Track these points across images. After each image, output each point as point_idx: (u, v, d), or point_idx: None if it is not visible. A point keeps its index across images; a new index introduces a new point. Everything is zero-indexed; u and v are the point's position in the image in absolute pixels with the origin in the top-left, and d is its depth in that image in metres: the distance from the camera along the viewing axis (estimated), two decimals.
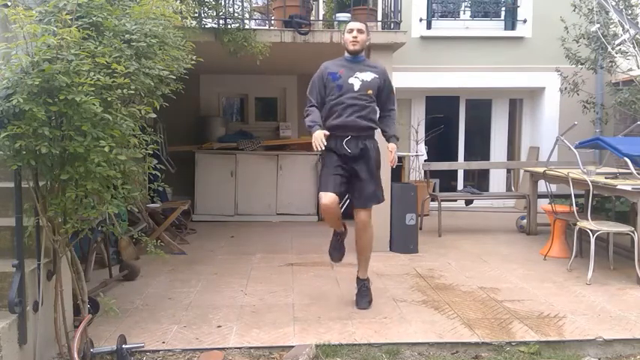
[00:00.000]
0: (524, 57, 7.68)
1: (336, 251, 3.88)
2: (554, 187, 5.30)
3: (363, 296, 3.78)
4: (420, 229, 5.93)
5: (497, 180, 8.42)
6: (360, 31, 3.67)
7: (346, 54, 3.75)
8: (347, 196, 3.81)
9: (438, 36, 7.71)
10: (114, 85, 2.61)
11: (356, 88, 3.60)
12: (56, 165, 2.56)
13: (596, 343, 3.15)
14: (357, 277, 3.88)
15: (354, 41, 3.66)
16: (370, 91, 3.64)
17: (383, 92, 3.75)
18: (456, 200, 7.67)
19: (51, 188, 2.66)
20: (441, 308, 3.68)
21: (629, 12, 6.09)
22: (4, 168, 2.76)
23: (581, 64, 6.43)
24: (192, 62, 3.49)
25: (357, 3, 5.47)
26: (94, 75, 2.48)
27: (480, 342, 3.13)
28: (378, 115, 3.79)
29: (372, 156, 3.67)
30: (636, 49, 5.58)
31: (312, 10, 6.05)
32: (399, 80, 6.94)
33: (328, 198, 3.55)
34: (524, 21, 7.74)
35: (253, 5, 5.94)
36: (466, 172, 8.38)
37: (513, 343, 3.12)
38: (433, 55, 7.62)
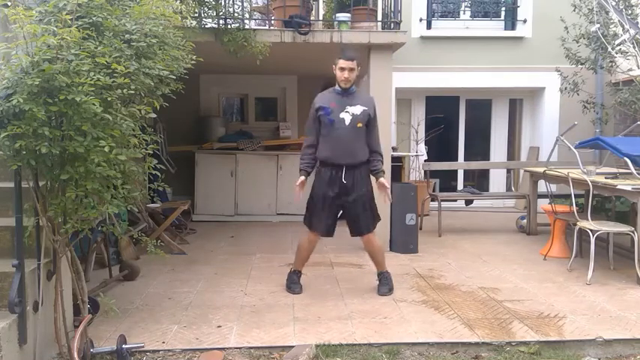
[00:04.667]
0: (524, 57, 7.68)
1: (297, 285, 4.08)
2: (554, 187, 5.30)
3: (384, 284, 4.03)
4: (420, 229, 5.93)
5: (497, 180, 8.42)
6: (351, 70, 3.82)
7: (337, 86, 3.90)
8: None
9: (438, 36, 7.70)
10: (114, 85, 2.61)
11: (347, 122, 3.82)
12: (56, 165, 2.56)
13: (596, 343, 3.15)
14: (377, 272, 4.11)
15: (345, 80, 3.82)
16: (360, 124, 3.84)
17: (370, 123, 3.92)
18: (456, 200, 7.67)
19: (51, 188, 2.66)
20: (441, 308, 3.68)
21: (629, 12, 6.09)
22: (4, 168, 2.76)
23: (581, 64, 6.43)
24: (192, 62, 3.49)
25: (357, 3, 5.46)
26: (94, 75, 2.48)
27: (480, 342, 3.13)
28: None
29: (365, 187, 3.91)
30: (636, 49, 5.58)
31: (312, 10, 6.05)
32: (399, 80, 6.96)
33: (315, 237, 4.00)
34: (524, 21, 7.73)
35: (253, 5, 5.94)
36: (466, 172, 8.38)
37: (513, 343, 3.12)
38: (433, 55, 7.62)
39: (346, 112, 3.82)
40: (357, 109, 3.83)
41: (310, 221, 3.99)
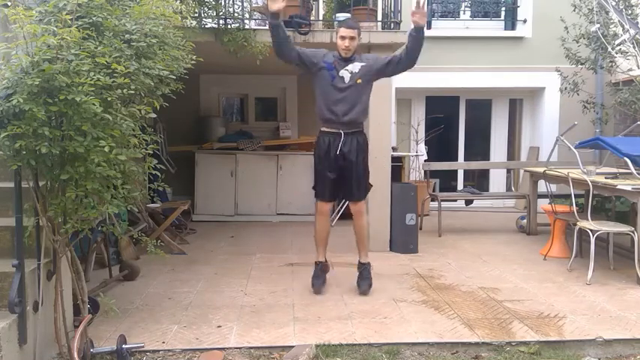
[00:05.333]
0: (524, 57, 7.68)
1: (318, 279, 4.07)
2: (554, 187, 5.30)
3: (365, 279, 4.02)
4: (420, 229, 5.93)
5: (497, 180, 8.42)
6: (352, 39, 3.83)
7: (338, 54, 3.92)
8: (344, 201, 4.04)
9: (438, 36, 7.68)
10: (114, 85, 2.61)
11: (346, 80, 3.88)
12: (56, 165, 2.56)
13: (596, 343, 3.15)
14: (359, 262, 4.11)
15: (346, 50, 3.84)
16: (359, 80, 3.87)
17: (381, 64, 3.91)
18: (456, 200, 7.67)
19: (51, 188, 2.66)
20: (441, 308, 3.68)
21: (629, 12, 6.09)
22: (4, 168, 2.76)
23: (581, 64, 6.43)
24: (192, 62, 3.49)
25: (357, 3, 5.47)
26: (94, 75, 2.48)
27: (480, 342, 3.13)
28: (367, 116, 4.08)
29: (362, 153, 3.96)
30: (636, 49, 5.58)
31: (312, 10, 6.05)
32: (399, 80, 6.91)
33: (325, 206, 4.02)
34: (524, 21, 7.74)
35: (253, 5, 5.94)
36: (466, 172, 8.38)
37: (513, 343, 3.12)
38: (433, 55, 7.58)
39: (345, 69, 3.85)
40: (356, 67, 3.86)
41: (315, 187, 4.07)
